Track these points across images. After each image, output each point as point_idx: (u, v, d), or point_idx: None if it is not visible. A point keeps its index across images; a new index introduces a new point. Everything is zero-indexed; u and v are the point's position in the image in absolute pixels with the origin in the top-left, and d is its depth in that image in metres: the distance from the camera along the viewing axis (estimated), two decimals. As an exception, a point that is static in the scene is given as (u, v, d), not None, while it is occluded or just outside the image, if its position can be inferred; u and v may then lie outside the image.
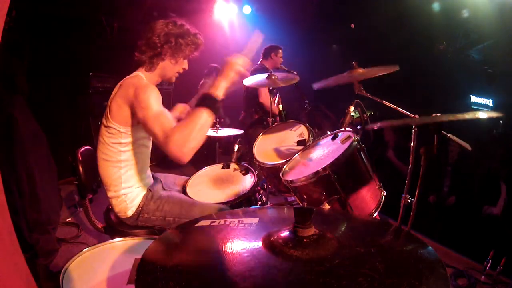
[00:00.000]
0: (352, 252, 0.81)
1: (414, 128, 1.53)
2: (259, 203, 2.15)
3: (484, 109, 5.36)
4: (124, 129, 1.53)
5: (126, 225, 1.65)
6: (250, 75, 3.77)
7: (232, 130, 3.55)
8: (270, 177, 2.24)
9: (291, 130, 2.37)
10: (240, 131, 3.52)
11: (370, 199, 1.66)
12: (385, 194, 1.72)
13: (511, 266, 2.21)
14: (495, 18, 4.15)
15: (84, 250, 1.25)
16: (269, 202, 2.35)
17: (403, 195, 1.58)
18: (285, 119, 2.79)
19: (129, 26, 4.36)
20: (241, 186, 2.02)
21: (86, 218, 1.77)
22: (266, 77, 2.38)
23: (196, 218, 1.07)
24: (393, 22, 4.83)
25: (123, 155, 1.57)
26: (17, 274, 1.06)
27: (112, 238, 1.40)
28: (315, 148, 1.95)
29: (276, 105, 2.99)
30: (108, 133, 1.56)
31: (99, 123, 1.63)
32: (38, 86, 3.30)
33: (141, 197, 1.64)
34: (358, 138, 1.65)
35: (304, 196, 1.69)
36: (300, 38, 5.73)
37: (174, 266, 0.77)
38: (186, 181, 2.09)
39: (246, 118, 3.87)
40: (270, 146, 2.28)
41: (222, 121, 3.72)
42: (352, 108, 1.92)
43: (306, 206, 1.65)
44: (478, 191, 3.27)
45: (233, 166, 2.29)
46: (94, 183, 1.74)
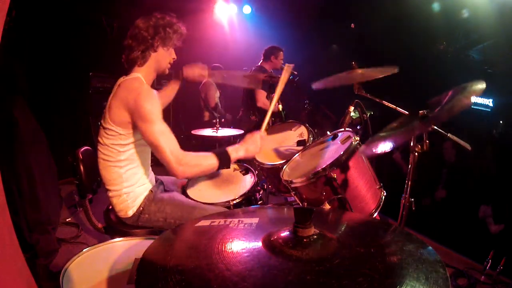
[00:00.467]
0: (352, 252, 0.81)
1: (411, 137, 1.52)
2: (259, 203, 2.15)
3: (484, 109, 5.34)
4: (123, 131, 1.53)
5: (126, 225, 1.65)
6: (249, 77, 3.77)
7: (232, 130, 3.55)
8: (270, 177, 2.24)
9: (291, 130, 2.37)
10: (240, 131, 3.52)
11: (370, 199, 1.66)
12: (385, 194, 1.72)
13: (511, 266, 2.21)
14: (495, 18, 4.14)
15: (84, 250, 1.25)
16: (269, 202, 2.35)
17: (403, 195, 1.58)
18: (285, 119, 2.79)
19: (129, 26, 4.34)
20: (241, 186, 2.02)
21: (86, 218, 1.77)
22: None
23: (196, 218, 1.07)
24: (393, 22, 4.83)
25: (123, 155, 1.57)
26: (17, 274, 1.06)
27: (112, 238, 1.40)
28: (315, 148, 1.95)
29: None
30: (107, 134, 1.55)
31: (99, 123, 1.62)
32: (38, 86, 3.30)
33: (142, 197, 1.64)
34: (358, 138, 1.65)
35: (304, 196, 1.69)
36: (300, 38, 5.72)
37: (174, 266, 0.77)
38: (186, 182, 2.09)
39: (244, 117, 3.87)
40: (270, 146, 2.28)
41: (223, 121, 3.72)
42: (352, 108, 1.92)
43: (306, 206, 1.65)
44: (476, 192, 3.27)
45: (233, 166, 2.29)
46: (94, 183, 1.74)
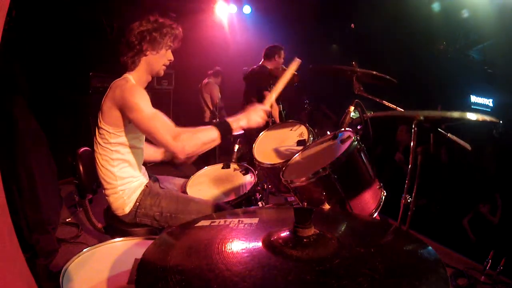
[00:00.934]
0: (352, 252, 0.81)
1: (414, 128, 1.53)
2: (259, 203, 2.15)
3: (484, 109, 5.34)
4: (113, 130, 1.59)
5: (125, 223, 1.66)
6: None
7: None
8: (270, 177, 2.24)
9: (291, 130, 2.36)
10: (240, 131, 3.50)
11: (370, 199, 1.65)
12: (385, 194, 1.72)
13: (511, 266, 2.21)
14: (495, 18, 4.14)
15: (84, 250, 1.26)
16: (269, 202, 2.35)
17: (403, 195, 1.58)
18: (285, 119, 2.79)
19: (129, 26, 4.34)
20: (241, 186, 2.02)
21: (86, 218, 1.77)
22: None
23: (196, 218, 1.07)
24: (393, 22, 4.83)
25: (115, 155, 1.62)
26: (17, 274, 1.06)
27: (112, 238, 1.40)
28: (315, 148, 1.95)
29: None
30: (100, 134, 1.63)
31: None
32: (38, 86, 3.30)
33: (138, 192, 1.67)
34: (358, 138, 1.65)
35: (304, 196, 1.68)
36: (300, 38, 5.72)
37: (174, 266, 0.77)
38: (186, 181, 2.09)
39: None
40: (270, 146, 2.28)
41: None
42: (352, 108, 1.92)
43: (306, 206, 1.65)
44: (476, 192, 3.27)
45: (233, 166, 2.29)
46: (93, 183, 1.75)
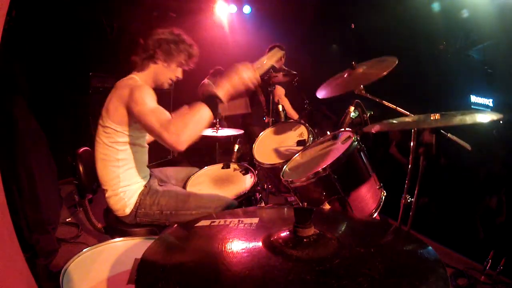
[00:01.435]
0: (352, 252, 0.81)
1: (414, 128, 1.53)
2: (259, 203, 2.15)
3: (484, 109, 5.34)
4: (120, 128, 1.58)
5: (125, 223, 1.66)
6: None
7: (232, 130, 3.54)
8: (270, 177, 2.24)
9: (291, 130, 2.36)
10: (240, 131, 3.51)
11: (370, 199, 1.65)
12: (385, 194, 1.72)
13: (511, 266, 2.21)
14: (495, 18, 4.14)
15: (84, 250, 1.25)
16: (269, 202, 2.35)
17: (403, 195, 1.58)
18: (285, 119, 2.79)
19: (129, 26, 4.35)
20: (241, 186, 2.02)
21: (86, 218, 1.77)
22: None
23: (196, 218, 1.07)
24: (393, 22, 4.83)
25: (121, 154, 1.62)
26: (17, 274, 1.06)
27: (112, 238, 1.40)
28: (315, 148, 1.95)
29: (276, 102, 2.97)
30: (105, 133, 1.61)
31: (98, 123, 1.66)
32: (38, 86, 3.29)
33: (138, 194, 1.68)
34: (358, 138, 1.65)
35: (304, 196, 1.68)
36: (300, 38, 5.72)
37: (174, 266, 0.77)
38: (186, 180, 2.09)
39: (254, 118, 3.81)
40: (270, 146, 2.28)
41: (223, 122, 3.70)
42: (352, 108, 1.92)
43: (306, 206, 1.65)
44: (476, 191, 3.26)
45: (233, 166, 2.29)
46: (93, 183, 1.75)
